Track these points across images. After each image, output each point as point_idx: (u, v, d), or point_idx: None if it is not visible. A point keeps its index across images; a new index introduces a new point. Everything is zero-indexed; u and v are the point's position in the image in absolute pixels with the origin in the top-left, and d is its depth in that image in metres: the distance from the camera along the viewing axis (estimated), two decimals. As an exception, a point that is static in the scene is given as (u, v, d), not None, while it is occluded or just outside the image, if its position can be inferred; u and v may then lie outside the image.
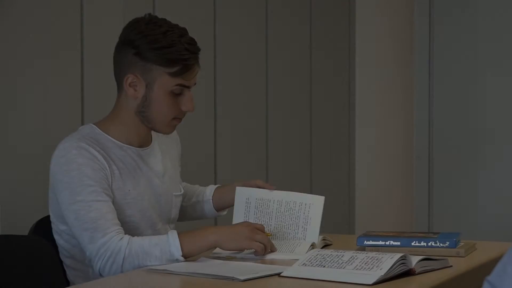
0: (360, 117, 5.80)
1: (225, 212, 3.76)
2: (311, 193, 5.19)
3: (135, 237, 3.18)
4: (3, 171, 3.54)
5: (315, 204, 3.55)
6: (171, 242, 3.14)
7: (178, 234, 3.18)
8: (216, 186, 3.78)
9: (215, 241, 3.25)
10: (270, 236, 3.35)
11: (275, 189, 3.59)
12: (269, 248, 3.28)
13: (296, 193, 3.62)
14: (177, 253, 3.14)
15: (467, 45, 6.17)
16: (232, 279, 2.96)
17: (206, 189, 3.75)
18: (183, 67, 3.25)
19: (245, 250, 3.27)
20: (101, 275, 3.16)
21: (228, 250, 3.29)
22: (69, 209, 3.18)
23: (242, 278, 2.98)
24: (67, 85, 3.81)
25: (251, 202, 3.52)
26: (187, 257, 3.17)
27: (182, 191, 3.65)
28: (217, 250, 3.33)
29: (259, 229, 3.30)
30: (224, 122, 4.63)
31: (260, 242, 3.23)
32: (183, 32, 3.29)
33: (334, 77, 5.60)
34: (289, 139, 5.20)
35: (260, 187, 3.58)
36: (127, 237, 3.16)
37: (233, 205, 3.66)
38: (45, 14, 3.68)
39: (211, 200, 3.70)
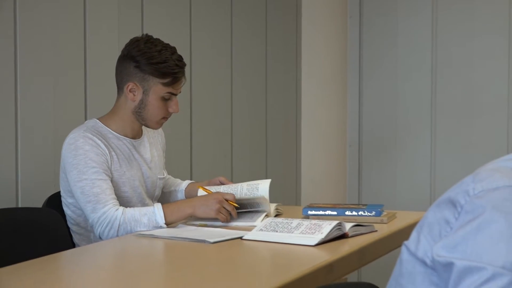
0: (305, 113, 5.77)
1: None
2: (266, 174, 5.25)
3: (128, 208, 3.26)
4: (23, 156, 3.54)
5: (263, 184, 3.60)
6: (157, 212, 3.23)
7: (162, 206, 3.27)
8: (191, 181, 3.85)
9: (190, 212, 3.34)
10: (236, 207, 3.40)
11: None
12: (234, 216, 3.35)
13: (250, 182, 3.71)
14: (161, 221, 3.22)
15: (390, 51, 6.13)
16: (204, 241, 3.02)
17: (182, 182, 3.83)
18: (173, 79, 3.37)
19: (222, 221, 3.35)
20: (100, 238, 3.22)
21: (201, 219, 3.37)
22: (76, 185, 3.24)
23: (211, 240, 3.03)
24: (73, 86, 3.81)
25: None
26: (168, 224, 3.25)
27: (165, 175, 3.73)
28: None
29: (228, 199, 3.36)
30: (197, 122, 4.64)
31: (226, 212, 3.32)
32: (173, 50, 3.40)
33: (284, 81, 5.56)
34: (249, 133, 5.16)
35: (222, 182, 3.67)
36: (121, 208, 3.23)
37: None
38: (56, 32, 3.69)
39: (183, 191, 3.78)
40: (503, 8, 5.85)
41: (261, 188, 3.56)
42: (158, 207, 3.26)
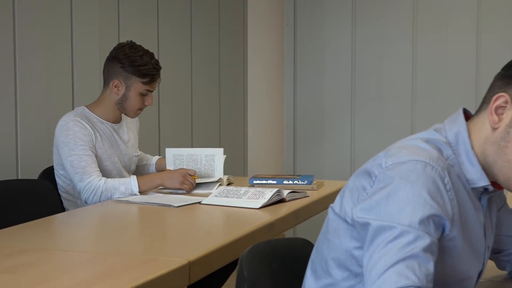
0: (250, 103, 5.74)
1: None
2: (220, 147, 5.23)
3: (109, 179, 3.27)
4: (22, 136, 3.50)
5: (217, 154, 3.66)
6: (132, 182, 3.25)
7: (137, 177, 3.30)
8: (159, 157, 3.87)
9: (160, 183, 3.37)
10: (196, 179, 3.42)
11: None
12: (193, 186, 3.37)
13: (204, 148, 3.85)
14: (136, 190, 3.24)
15: (318, 53, 6.13)
16: (170, 206, 3.02)
17: (153, 158, 3.85)
18: (151, 79, 3.41)
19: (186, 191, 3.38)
20: (86, 203, 3.22)
21: (168, 188, 3.37)
22: (67, 159, 3.24)
23: (176, 205, 3.03)
24: (62, 77, 3.77)
25: (176, 159, 3.62)
26: (141, 192, 3.27)
27: (139, 153, 3.73)
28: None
29: (190, 173, 3.39)
30: (163, 108, 4.61)
31: (188, 183, 3.34)
32: (152, 55, 3.44)
33: (234, 77, 5.54)
34: (205, 119, 5.15)
35: None
36: (104, 178, 3.24)
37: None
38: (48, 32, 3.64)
39: (154, 164, 3.79)
40: (407, 19, 5.88)
41: (217, 158, 3.65)
42: (133, 178, 3.29)
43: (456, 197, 1.56)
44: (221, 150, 3.70)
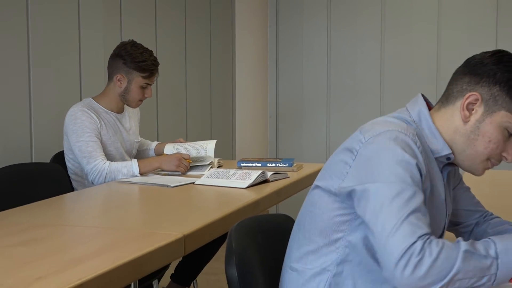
0: (238, 95, 5.74)
1: None
2: (211, 135, 5.22)
3: (113, 162, 3.26)
4: (35, 125, 3.48)
5: (210, 144, 3.64)
6: (133, 165, 3.25)
7: (137, 161, 3.29)
8: (158, 142, 3.86)
9: (158, 166, 3.36)
10: (190, 163, 3.41)
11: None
12: (188, 168, 3.37)
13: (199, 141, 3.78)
14: (136, 172, 3.24)
15: (297, 50, 6.12)
16: (167, 186, 3.01)
17: (152, 143, 3.83)
18: (150, 74, 3.41)
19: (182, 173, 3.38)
20: (93, 184, 3.21)
21: (165, 170, 3.36)
22: (75, 145, 3.23)
23: (172, 185, 3.02)
24: (71, 73, 3.75)
25: (175, 150, 3.62)
26: (142, 174, 3.26)
27: (139, 140, 3.72)
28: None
29: (185, 157, 3.39)
30: (161, 100, 4.60)
31: (183, 166, 3.34)
32: (151, 53, 3.44)
33: (223, 71, 5.54)
34: (198, 110, 5.15)
35: (180, 141, 3.73)
36: (108, 162, 3.23)
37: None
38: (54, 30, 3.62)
39: (153, 149, 3.78)
40: (376, 22, 5.87)
41: (209, 148, 3.64)
42: (134, 162, 3.28)
43: (426, 160, 1.62)
44: (214, 141, 3.71)
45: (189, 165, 3.41)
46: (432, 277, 1.41)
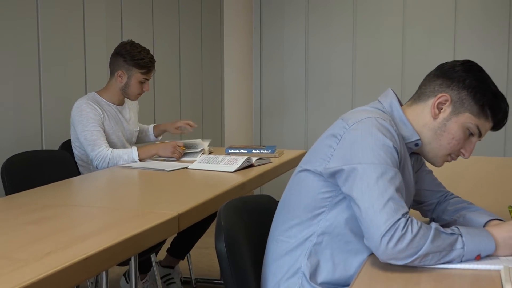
0: (226, 89, 5.75)
1: (160, 138, 3.81)
2: (203, 127, 5.21)
3: (115, 149, 3.25)
4: (46, 115, 3.47)
5: (204, 142, 3.68)
6: (133, 152, 3.24)
7: (137, 148, 3.27)
8: (154, 124, 3.85)
9: (155, 152, 3.35)
10: (183, 150, 3.41)
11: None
12: (182, 155, 3.37)
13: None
14: (136, 158, 3.23)
15: (278, 50, 6.12)
16: (163, 170, 3.01)
17: (149, 126, 3.82)
18: (147, 70, 3.39)
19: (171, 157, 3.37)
20: (97, 168, 3.19)
21: (161, 156, 3.35)
22: (81, 134, 3.22)
23: (168, 169, 3.01)
24: (77, 69, 3.73)
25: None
26: (141, 160, 3.25)
27: (138, 129, 3.70)
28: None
29: (179, 145, 3.40)
30: (158, 92, 4.58)
31: (178, 152, 3.34)
32: (148, 51, 3.41)
33: (212, 69, 5.52)
34: (191, 102, 5.15)
35: (180, 125, 3.76)
36: (110, 149, 3.22)
37: (163, 132, 3.84)
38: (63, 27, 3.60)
39: (152, 133, 3.80)
40: (348, 24, 5.87)
41: (204, 142, 3.67)
42: (134, 149, 3.26)
43: (401, 143, 1.67)
44: (208, 141, 3.75)
45: (183, 152, 3.41)
46: (410, 250, 1.46)
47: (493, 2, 5.52)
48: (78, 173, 3.27)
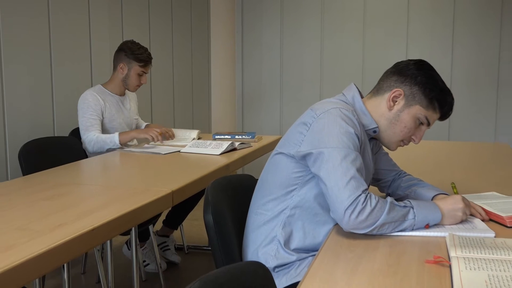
0: (213, 81, 5.74)
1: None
2: (193, 116, 5.18)
3: (101, 134, 3.20)
4: (57, 105, 3.43)
5: (194, 131, 3.62)
6: (115, 136, 3.18)
7: (119, 133, 3.21)
8: (146, 124, 3.74)
9: (133, 135, 3.25)
10: (161, 134, 3.32)
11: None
12: (158, 138, 3.24)
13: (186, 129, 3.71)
14: (117, 141, 3.18)
15: (257, 49, 6.10)
16: (159, 153, 2.99)
17: (144, 123, 3.72)
18: (145, 64, 3.35)
19: (150, 140, 3.27)
20: (87, 150, 3.20)
21: (139, 138, 3.29)
22: (79, 120, 3.22)
23: (163, 152, 3.00)
24: (84, 64, 3.69)
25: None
26: (122, 143, 3.20)
27: (137, 116, 3.65)
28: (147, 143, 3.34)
29: (161, 131, 3.31)
30: (154, 85, 4.55)
31: (154, 134, 3.23)
32: (146, 49, 3.37)
33: (200, 62, 5.50)
34: (182, 95, 5.12)
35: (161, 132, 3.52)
36: (97, 134, 3.18)
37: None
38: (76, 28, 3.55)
39: (144, 127, 3.70)
40: (317, 27, 5.86)
41: (192, 134, 3.60)
42: (116, 134, 3.20)
43: (361, 130, 1.68)
44: (197, 131, 3.67)
45: (159, 135, 3.26)
46: (369, 221, 1.48)
47: (440, 9, 5.54)
48: (85, 156, 3.23)
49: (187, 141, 3.47)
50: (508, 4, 5.41)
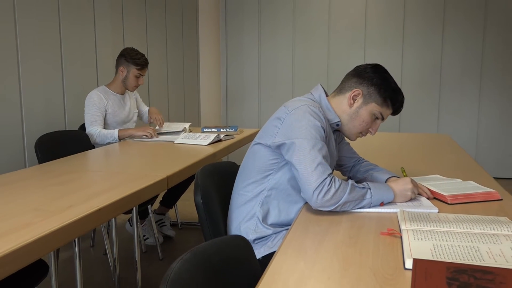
0: (202, 81, 5.71)
1: (149, 123, 3.71)
2: (185, 111, 5.14)
3: (103, 129, 3.16)
4: (68, 103, 3.39)
5: (187, 123, 3.60)
6: (115, 132, 3.15)
7: (118, 130, 3.18)
8: (148, 108, 3.67)
9: (130, 132, 3.22)
10: (156, 131, 3.30)
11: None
12: (152, 135, 3.22)
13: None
14: (116, 137, 3.14)
15: (238, 52, 6.08)
16: (158, 141, 2.95)
17: (146, 108, 3.65)
18: (142, 67, 3.30)
19: (143, 135, 3.23)
20: (97, 144, 3.16)
21: (135, 136, 3.23)
22: (85, 116, 3.18)
23: (176, 141, 2.96)
24: (90, 68, 3.64)
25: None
26: (120, 138, 3.17)
27: (137, 111, 3.57)
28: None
29: (152, 128, 3.29)
30: (152, 85, 4.50)
31: (148, 133, 3.21)
32: (143, 55, 3.31)
33: (190, 64, 5.47)
34: (176, 90, 5.09)
35: (155, 117, 3.52)
36: (99, 129, 3.15)
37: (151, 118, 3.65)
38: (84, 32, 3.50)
39: (147, 114, 3.62)
40: (289, 35, 5.86)
41: (185, 124, 3.60)
42: (116, 131, 3.17)
43: (326, 124, 1.67)
44: (188, 124, 3.65)
45: (154, 132, 3.25)
46: (334, 200, 1.49)
47: (392, 20, 5.57)
48: (93, 147, 3.20)
49: (181, 127, 3.49)
50: (449, 16, 5.46)
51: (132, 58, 3.27)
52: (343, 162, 1.99)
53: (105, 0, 3.81)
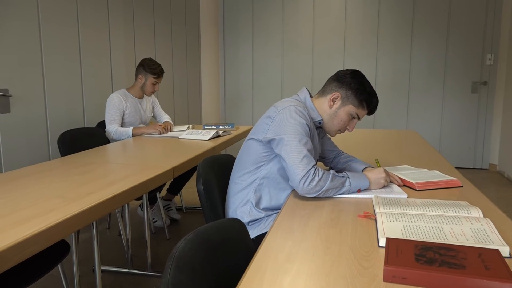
0: (203, 85, 5.68)
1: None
2: (188, 111, 5.11)
3: (120, 127, 3.12)
4: (86, 103, 3.36)
5: (186, 126, 3.55)
6: (130, 130, 3.11)
7: (133, 128, 3.14)
8: (166, 120, 3.63)
9: (143, 131, 3.18)
10: (163, 127, 3.27)
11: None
12: (167, 131, 3.20)
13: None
14: (130, 134, 3.10)
15: (233, 58, 6.05)
16: (166, 137, 2.93)
17: (164, 116, 3.58)
18: (157, 76, 3.25)
19: (153, 131, 3.18)
20: (114, 140, 3.12)
21: (148, 133, 3.18)
22: (106, 114, 3.14)
23: (181, 137, 2.94)
24: (104, 73, 3.61)
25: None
26: (133, 136, 3.13)
27: (151, 115, 3.52)
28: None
29: (160, 125, 3.24)
30: (162, 90, 4.49)
31: (157, 130, 3.17)
32: (159, 65, 3.26)
33: (192, 68, 5.44)
34: (180, 92, 5.06)
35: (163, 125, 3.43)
36: (116, 127, 3.11)
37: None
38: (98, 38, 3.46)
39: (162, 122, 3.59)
40: (278, 45, 5.84)
41: (185, 127, 3.54)
42: (130, 129, 3.13)
43: (310, 122, 1.66)
44: (190, 126, 3.60)
45: (161, 129, 3.21)
46: (317, 188, 1.49)
47: (368, 30, 5.57)
48: (108, 142, 3.18)
49: (185, 128, 3.46)
50: (417, 26, 5.47)
51: (150, 68, 3.24)
52: (325, 155, 2.00)
53: (119, 13, 3.78)
